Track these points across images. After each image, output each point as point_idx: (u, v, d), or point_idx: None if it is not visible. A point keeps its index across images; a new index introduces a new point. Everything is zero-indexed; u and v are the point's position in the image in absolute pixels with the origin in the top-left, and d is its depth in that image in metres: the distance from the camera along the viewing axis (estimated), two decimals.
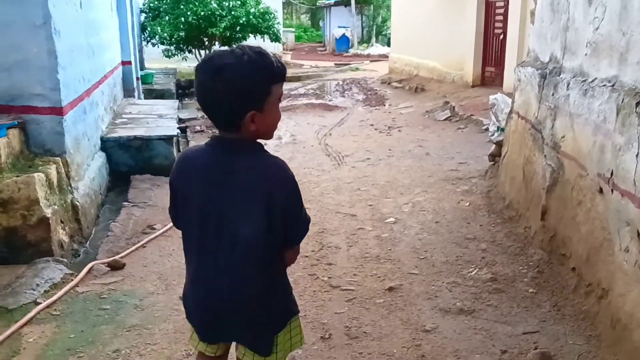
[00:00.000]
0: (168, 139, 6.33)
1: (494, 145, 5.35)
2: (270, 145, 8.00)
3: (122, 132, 6.38)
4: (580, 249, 3.05)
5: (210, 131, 9.00)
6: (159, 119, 7.39)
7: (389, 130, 9.10)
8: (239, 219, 1.62)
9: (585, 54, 3.17)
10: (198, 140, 8.27)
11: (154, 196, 5.39)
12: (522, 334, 2.83)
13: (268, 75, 1.58)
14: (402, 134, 8.70)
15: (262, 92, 1.57)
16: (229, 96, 1.54)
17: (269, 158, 1.65)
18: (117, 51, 8.64)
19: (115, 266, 3.75)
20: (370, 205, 5.00)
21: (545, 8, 3.98)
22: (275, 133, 1.75)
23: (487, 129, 8.12)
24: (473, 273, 3.49)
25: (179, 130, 7.35)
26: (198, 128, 9.08)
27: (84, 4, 5.45)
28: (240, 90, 1.54)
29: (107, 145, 6.07)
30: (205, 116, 1.71)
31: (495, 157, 5.37)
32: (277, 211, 1.59)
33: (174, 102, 9.15)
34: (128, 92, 9.28)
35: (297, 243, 1.75)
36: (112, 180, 6.00)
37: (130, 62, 9.28)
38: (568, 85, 3.33)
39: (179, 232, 1.72)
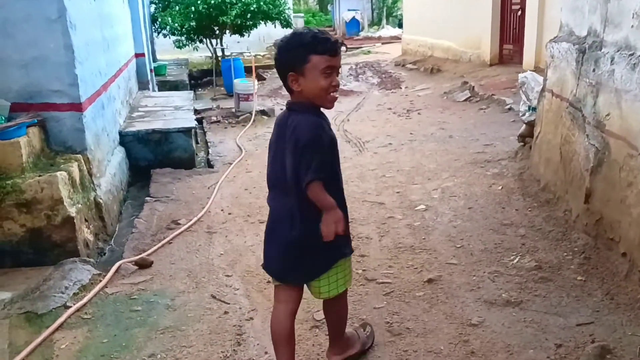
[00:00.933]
0: (187, 131, 6.22)
1: (523, 126, 5.16)
2: None
3: (140, 126, 6.27)
4: (632, 233, 2.89)
5: (226, 121, 8.89)
6: (176, 111, 7.28)
7: (408, 113, 8.91)
8: (279, 161, 2.11)
9: (632, 26, 2.98)
10: (215, 131, 8.16)
11: (175, 190, 5.29)
12: (575, 326, 2.68)
13: (306, 46, 2.00)
14: (422, 116, 8.52)
15: (299, 58, 2.02)
16: (276, 63, 2.09)
17: (305, 117, 2.07)
18: (130, 43, 8.53)
19: (143, 264, 3.65)
20: (398, 192, 4.85)
21: None
22: None
23: (510, 109, 7.93)
24: (515, 261, 3.34)
25: (196, 122, 7.24)
26: (214, 119, 8.96)
27: None
28: (281, 57, 2.07)
29: (125, 139, 5.98)
30: (220, 107, 2.77)
31: (525, 137, 5.17)
32: (297, 156, 2.01)
33: (189, 94, 9.03)
34: (142, 84, 9.19)
35: (306, 183, 2.03)
36: (132, 175, 5.92)
37: (143, 54, 9.17)
38: (612, 60, 3.15)
39: (204, 227, 2.45)
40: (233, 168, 6.05)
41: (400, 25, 25.82)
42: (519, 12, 11.05)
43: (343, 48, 2.07)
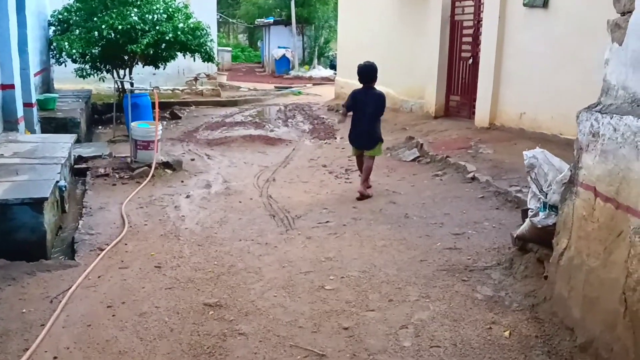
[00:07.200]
0: (36, 204, 4.24)
1: (527, 223, 3.53)
2: (195, 198, 6.03)
3: None
4: None
5: (116, 175, 6.87)
6: (39, 165, 5.30)
7: (347, 174, 7.32)
8: (370, 107, 6.24)
9: None
10: (98, 190, 6.17)
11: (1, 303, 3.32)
12: None
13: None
14: None
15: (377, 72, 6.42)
16: (375, 74, 6.27)
17: (377, 91, 6.32)
18: None
19: None
20: (346, 329, 3.10)
21: None
22: (204, 177, 7.02)
23: (474, 178, 6.47)
24: None
25: (65, 183, 5.26)
26: (102, 171, 6.91)
27: None
28: (376, 69, 6.29)
29: None
30: (114, 155, 7.47)
31: (526, 241, 3.60)
32: (379, 105, 6.31)
33: (70, 137, 7.00)
34: (10, 124, 7.08)
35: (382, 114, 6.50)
36: None
37: (12, 86, 7.06)
38: None
39: None
40: (102, 259, 4.14)
41: (332, 67, 24.68)
42: (470, 61, 9.86)
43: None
